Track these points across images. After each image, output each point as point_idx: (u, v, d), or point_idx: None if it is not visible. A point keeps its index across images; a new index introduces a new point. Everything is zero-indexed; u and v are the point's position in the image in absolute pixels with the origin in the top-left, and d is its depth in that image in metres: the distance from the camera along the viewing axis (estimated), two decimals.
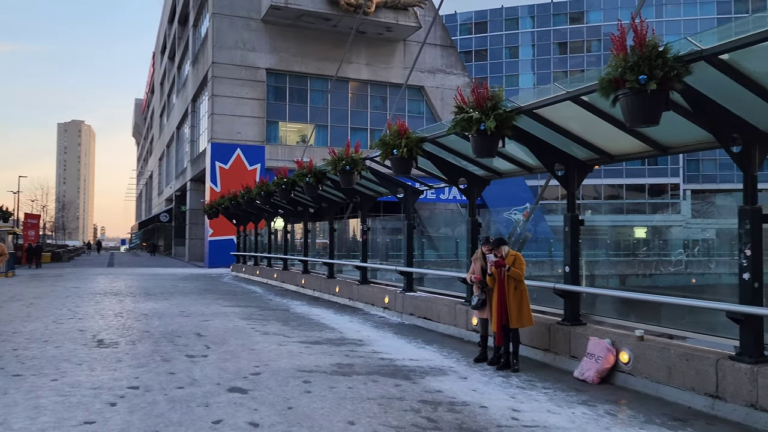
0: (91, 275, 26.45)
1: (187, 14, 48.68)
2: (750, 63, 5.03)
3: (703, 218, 38.05)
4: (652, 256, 27.85)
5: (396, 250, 19.82)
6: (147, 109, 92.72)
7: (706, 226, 24.66)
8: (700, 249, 26.90)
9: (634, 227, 43.63)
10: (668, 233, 35.69)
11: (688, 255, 28.42)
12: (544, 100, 6.94)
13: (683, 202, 66.46)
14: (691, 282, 21.13)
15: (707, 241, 24.62)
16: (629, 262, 27.94)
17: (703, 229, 28.76)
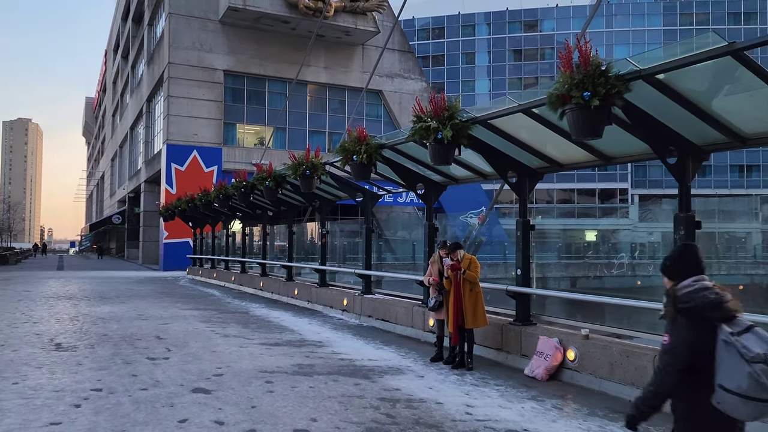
0: (42, 279, 25.81)
1: (141, 12, 47.85)
2: (683, 82, 5.49)
3: (647, 222, 39.48)
4: (601, 258, 28.84)
5: (354, 252, 20.08)
6: (98, 108, 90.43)
7: (652, 229, 25.74)
8: (647, 251, 27.98)
9: (585, 231, 45.05)
10: (617, 236, 36.91)
11: (636, 257, 29.53)
12: (498, 111, 7.31)
13: (631, 206, 68.78)
14: (636, 284, 22.05)
15: (654, 244, 25.64)
16: (580, 264, 28.88)
17: (649, 233, 29.94)
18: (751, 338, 2.67)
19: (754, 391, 2.59)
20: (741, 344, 2.65)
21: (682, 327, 2.82)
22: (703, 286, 2.85)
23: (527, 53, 79.13)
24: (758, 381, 2.57)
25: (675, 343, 2.82)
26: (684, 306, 2.84)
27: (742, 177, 71.44)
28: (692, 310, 2.81)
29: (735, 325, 2.74)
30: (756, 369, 2.58)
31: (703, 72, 5.25)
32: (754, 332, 2.70)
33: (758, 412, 2.63)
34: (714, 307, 2.78)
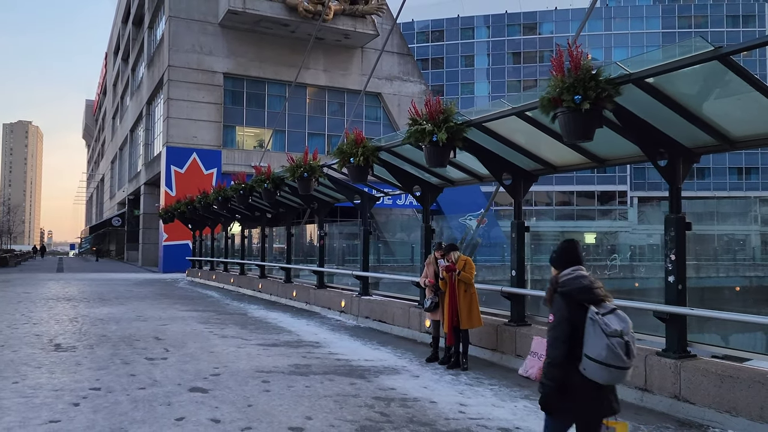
0: (41, 280, 25.89)
1: (142, 16, 48.00)
2: (672, 86, 5.58)
3: (645, 224, 39.44)
4: (600, 260, 28.87)
5: (352, 254, 20.14)
6: (99, 110, 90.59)
7: (652, 231, 25.81)
8: (646, 253, 28.02)
9: (584, 233, 45.12)
10: (616, 238, 36.93)
11: (636, 259, 29.57)
12: (492, 114, 7.40)
13: (630, 208, 68.86)
14: (634, 285, 22.10)
15: (652, 246, 25.67)
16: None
17: (648, 235, 29.98)
18: (612, 318, 3.29)
19: (611, 359, 3.19)
20: (603, 321, 3.25)
21: (559, 307, 3.41)
22: (579, 275, 3.47)
23: (526, 56, 79.31)
24: (614, 351, 3.18)
25: (557, 320, 3.39)
26: (561, 290, 3.44)
27: (741, 179, 71.55)
28: (568, 293, 3.41)
29: (602, 307, 3.34)
30: (613, 341, 3.19)
31: (691, 76, 5.35)
32: (616, 314, 3.32)
33: (613, 377, 3.24)
34: (584, 291, 3.38)
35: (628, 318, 3.32)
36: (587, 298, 3.36)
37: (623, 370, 3.24)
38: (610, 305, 3.37)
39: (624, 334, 3.24)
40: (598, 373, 3.23)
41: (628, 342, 3.25)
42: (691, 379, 5.81)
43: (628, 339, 3.26)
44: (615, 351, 3.18)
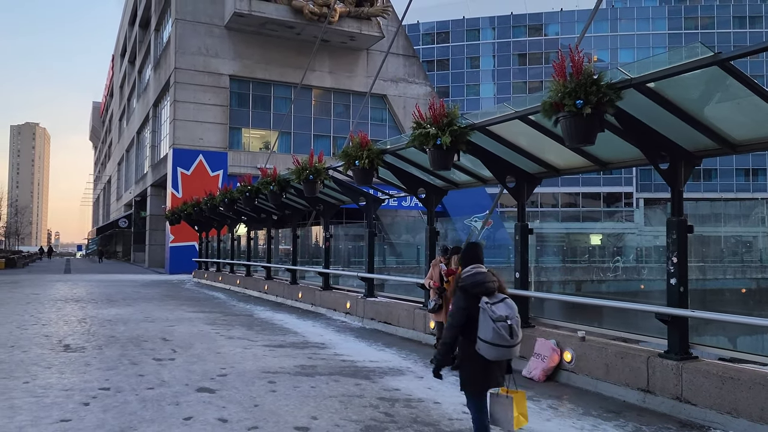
0: (49, 282, 26.09)
1: (148, 18, 48.29)
2: (673, 91, 5.64)
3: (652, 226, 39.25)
4: (607, 262, 28.86)
5: (358, 256, 20.22)
6: (105, 112, 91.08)
7: (658, 233, 25.75)
8: (653, 255, 27.90)
9: (590, 234, 45.01)
10: (622, 240, 36.86)
11: (643, 261, 29.50)
12: (496, 118, 7.48)
13: (636, 210, 68.65)
14: (640, 287, 22.09)
15: (659, 248, 25.53)
16: (585, 268, 28.89)
17: (655, 236, 29.84)
18: (501, 306, 4.10)
19: (497, 339, 4.03)
20: (491, 309, 4.08)
21: (458, 298, 4.26)
22: (476, 272, 4.30)
23: (532, 57, 79.24)
24: (499, 333, 4.01)
25: (455, 309, 4.22)
26: (461, 284, 4.28)
27: (748, 181, 71.26)
28: (465, 286, 4.24)
29: (494, 297, 4.15)
30: (498, 325, 4.01)
31: (692, 80, 5.41)
32: (505, 302, 4.15)
33: (500, 353, 4.09)
34: (478, 285, 4.20)
35: (514, 305, 4.17)
36: (481, 290, 4.18)
37: (508, 348, 4.07)
38: (502, 296, 4.19)
39: (509, 318, 4.05)
40: (488, 352, 4.07)
41: (511, 325, 4.04)
42: (693, 380, 5.86)
43: (512, 322, 4.06)
44: (500, 333, 4.01)
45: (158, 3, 43.66)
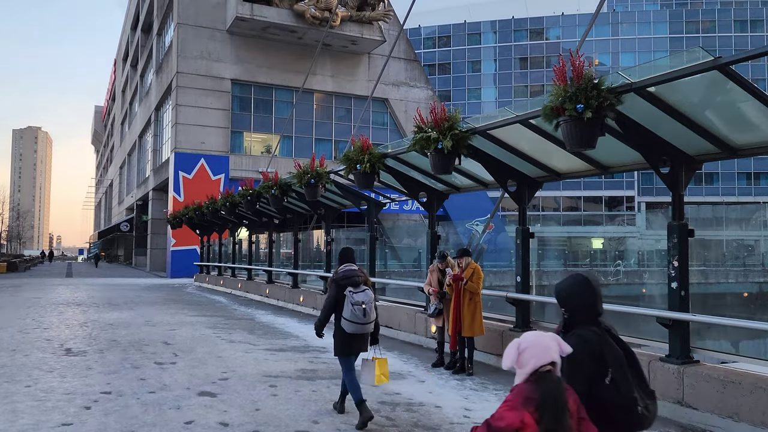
0: (51, 286, 26.12)
1: (150, 23, 48.41)
2: (674, 95, 5.65)
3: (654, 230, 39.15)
4: (608, 265, 28.84)
5: (360, 260, 20.14)
6: (107, 116, 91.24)
7: (660, 237, 25.74)
8: (655, 259, 27.86)
9: (592, 238, 45.08)
10: (624, 244, 36.84)
11: (645, 265, 29.47)
12: (497, 122, 7.48)
13: (638, 214, 68.57)
14: (642, 291, 22.05)
15: (661, 252, 25.50)
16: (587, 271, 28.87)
17: (657, 240, 29.85)
18: (360, 294, 5.62)
19: (354, 318, 5.57)
20: (352, 297, 5.60)
21: (331, 288, 5.80)
22: (346, 268, 5.85)
23: (533, 61, 79.31)
24: (355, 314, 5.56)
25: (328, 296, 5.80)
26: (334, 278, 5.82)
27: (750, 184, 71.19)
28: (336, 279, 5.78)
29: (358, 288, 5.67)
30: (355, 308, 5.56)
31: (692, 85, 5.42)
32: (365, 292, 5.66)
33: (356, 329, 5.60)
34: (346, 278, 5.73)
35: (371, 294, 5.71)
36: (348, 282, 5.70)
37: (363, 325, 5.59)
38: (364, 287, 5.72)
39: (364, 303, 5.59)
40: (348, 327, 5.59)
41: (365, 308, 5.58)
42: (694, 384, 5.86)
43: (366, 306, 5.60)
44: (356, 314, 5.55)
45: (161, 8, 43.78)
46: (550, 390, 2.36)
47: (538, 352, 2.44)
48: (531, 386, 2.38)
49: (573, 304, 2.79)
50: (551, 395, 2.35)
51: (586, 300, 2.76)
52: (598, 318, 2.78)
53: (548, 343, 2.50)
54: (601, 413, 2.61)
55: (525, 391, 2.37)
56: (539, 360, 2.41)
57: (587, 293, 2.77)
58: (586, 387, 2.62)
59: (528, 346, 2.46)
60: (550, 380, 2.39)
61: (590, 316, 2.76)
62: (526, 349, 2.46)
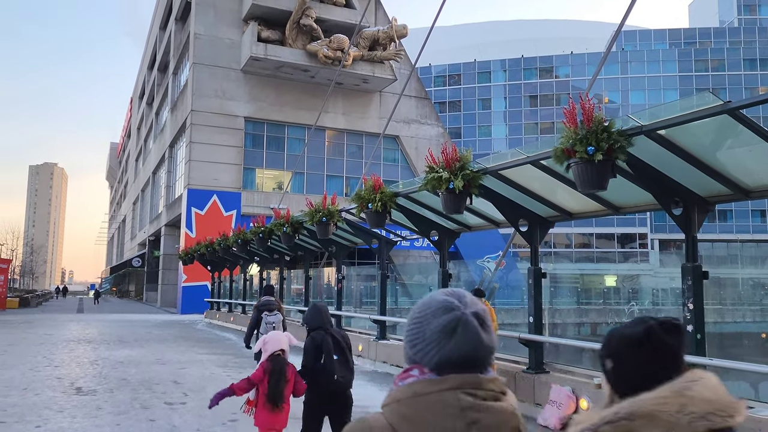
0: (62, 322, 26.16)
1: (167, 62, 49.51)
2: (684, 138, 5.69)
3: (668, 267, 38.66)
4: (622, 304, 28.45)
5: (370, 296, 20.10)
6: (122, 152, 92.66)
7: (675, 274, 25.48)
8: (669, 297, 27.49)
9: (605, 276, 44.61)
10: (637, 282, 36.39)
11: (657, 303, 29.07)
12: (508, 163, 7.54)
13: (651, 251, 67.99)
14: None
15: (676, 290, 25.16)
16: (600, 310, 28.48)
17: (671, 278, 29.49)
18: (272, 317, 8.16)
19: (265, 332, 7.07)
20: (266, 318, 8.12)
21: (254, 312, 8.44)
22: (266, 299, 8.50)
23: (543, 98, 79.99)
24: (266, 330, 7.55)
25: (252, 317, 8.48)
26: (256, 305, 8.51)
27: (764, 222, 70.59)
28: (257, 306, 8.42)
29: (272, 313, 8.19)
30: (268, 327, 7.82)
31: (703, 128, 5.45)
32: (275, 315, 8.24)
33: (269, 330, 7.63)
34: (264, 306, 8.31)
35: (280, 316, 8.25)
36: (265, 308, 8.17)
37: None
38: (276, 312, 8.29)
39: (273, 323, 7.98)
40: None
41: (274, 326, 7.89)
42: None
43: (275, 325, 7.92)
44: (267, 329, 7.48)
45: (177, 48, 44.83)
46: (277, 363, 4.77)
47: (273, 343, 4.91)
48: (268, 362, 4.76)
49: (312, 322, 5.01)
50: (277, 366, 4.76)
51: (318, 320, 4.99)
52: (326, 327, 4.96)
53: (281, 338, 5.06)
54: (317, 377, 4.79)
55: (266, 364, 4.75)
56: (274, 348, 4.84)
57: (318, 316, 5.02)
58: (311, 362, 4.80)
59: (269, 340, 4.94)
60: (278, 359, 4.80)
61: (321, 326, 4.95)
62: (267, 342, 4.93)
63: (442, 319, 1.35)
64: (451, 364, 1.33)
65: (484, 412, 1.29)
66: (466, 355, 1.33)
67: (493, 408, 1.30)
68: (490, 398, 1.33)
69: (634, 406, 1.29)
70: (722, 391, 1.31)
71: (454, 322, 1.34)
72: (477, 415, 1.28)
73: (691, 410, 1.26)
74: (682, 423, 1.24)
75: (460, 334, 1.34)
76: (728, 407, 1.29)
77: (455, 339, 1.34)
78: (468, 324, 1.34)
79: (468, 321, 1.35)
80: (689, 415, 1.25)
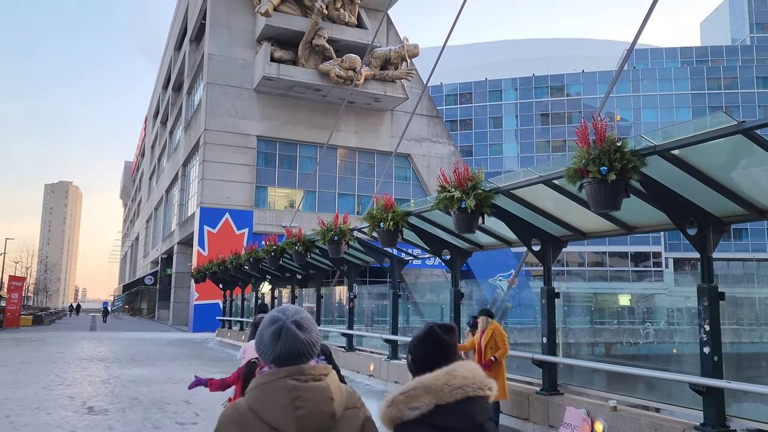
0: (75, 340, 26.26)
1: (181, 82, 50.15)
2: (698, 158, 5.64)
3: (683, 286, 38.15)
4: (636, 324, 28.05)
5: (382, 315, 20.02)
6: (136, 171, 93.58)
7: (690, 293, 25.14)
8: (685, 317, 27.11)
9: (619, 295, 44.16)
10: (652, 301, 35.92)
11: (672, 323, 28.67)
12: (520, 182, 7.51)
13: (666, 270, 67.32)
14: (673, 351, 21.41)
15: (691, 309, 24.83)
16: (614, 330, 28.12)
17: (686, 297, 29.08)
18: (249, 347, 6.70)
19: None
20: None
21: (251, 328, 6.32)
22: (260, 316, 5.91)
23: (554, 116, 79.99)
24: None
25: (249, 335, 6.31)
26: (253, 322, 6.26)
27: None
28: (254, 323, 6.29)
29: None
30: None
31: (717, 148, 5.41)
32: None
33: None
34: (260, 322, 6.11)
35: None
36: None
37: None
38: None
39: None
40: None
41: None
42: None
43: None
44: None
45: (191, 68, 45.42)
46: (251, 368, 4.80)
47: (251, 351, 4.89)
48: (245, 367, 5.01)
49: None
50: (251, 371, 4.77)
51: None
52: None
53: None
54: None
55: (242, 368, 5.01)
56: (251, 355, 4.93)
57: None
58: None
59: (248, 349, 5.08)
60: (253, 365, 4.82)
61: None
62: (246, 350, 5.14)
63: (270, 329, 1.94)
64: (281, 360, 1.90)
65: (304, 390, 1.85)
66: (289, 352, 1.90)
67: (311, 386, 1.87)
68: (311, 380, 1.88)
69: (418, 382, 2.04)
70: (478, 372, 2.04)
71: (278, 330, 1.91)
72: (299, 392, 1.84)
73: (453, 383, 1.98)
74: (445, 391, 1.97)
75: (284, 337, 1.90)
76: (479, 383, 2.02)
77: (281, 341, 1.90)
78: (288, 330, 1.91)
79: (288, 327, 1.92)
80: (450, 386, 1.98)
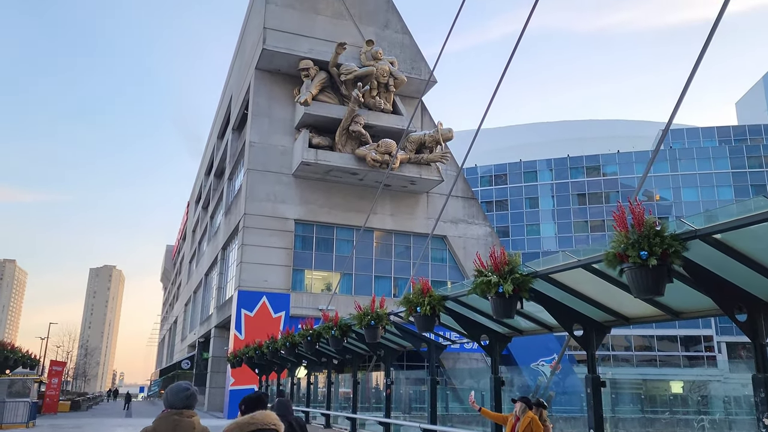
0: (110, 426, 26.10)
1: (223, 168, 51.96)
2: (741, 242, 5.49)
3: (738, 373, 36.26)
4: (690, 413, 26.51)
5: (420, 402, 19.43)
6: (177, 255, 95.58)
7: (747, 380, 23.81)
8: (743, 406, 25.59)
9: (670, 381, 42.06)
10: (706, 389, 34.06)
11: (729, 412, 27.04)
12: (558, 266, 7.39)
13: (719, 355, 64.18)
14: None
15: (749, 398, 23.46)
16: (667, 420, 26.60)
17: (743, 384, 27.53)
18: None
19: None
20: None
21: None
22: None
23: (591, 197, 79.57)
24: None
25: None
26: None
27: None
28: None
29: None
30: None
31: (761, 232, 5.27)
32: None
33: None
34: None
35: None
36: None
37: None
38: None
39: None
40: None
41: None
42: None
43: None
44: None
45: (233, 155, 47.16)
46: None
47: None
48: None
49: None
50: None
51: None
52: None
53: None
54: None
55: None
56: None
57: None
58: None
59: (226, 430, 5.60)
60: None
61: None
62: None
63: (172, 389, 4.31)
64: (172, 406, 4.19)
65: (179, 423, 4.10)
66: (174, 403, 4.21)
67: (185, 420, 4.12)
68: (186, 416, 4.15)
69: (235, 421, 4.03)
70: (272, 416, 4.02)
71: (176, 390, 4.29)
72: (178, 422, 4.11)
73: (250, 422, 3.96)
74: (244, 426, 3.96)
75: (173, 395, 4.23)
76: (269, 422, 3.97)
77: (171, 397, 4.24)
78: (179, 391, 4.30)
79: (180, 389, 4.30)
80: (248, 424, 3.95)
